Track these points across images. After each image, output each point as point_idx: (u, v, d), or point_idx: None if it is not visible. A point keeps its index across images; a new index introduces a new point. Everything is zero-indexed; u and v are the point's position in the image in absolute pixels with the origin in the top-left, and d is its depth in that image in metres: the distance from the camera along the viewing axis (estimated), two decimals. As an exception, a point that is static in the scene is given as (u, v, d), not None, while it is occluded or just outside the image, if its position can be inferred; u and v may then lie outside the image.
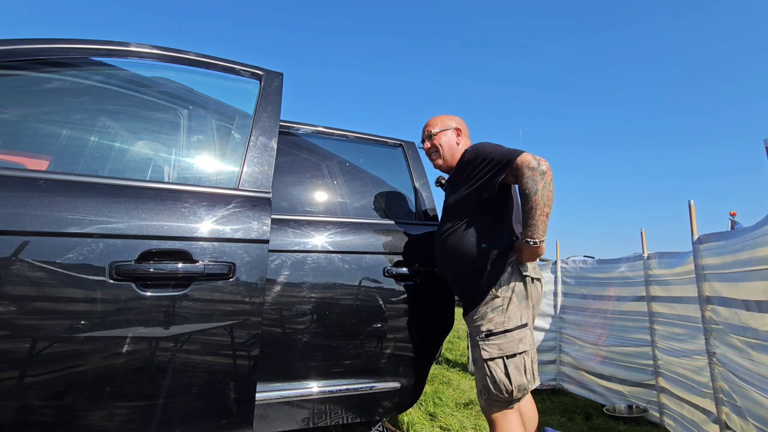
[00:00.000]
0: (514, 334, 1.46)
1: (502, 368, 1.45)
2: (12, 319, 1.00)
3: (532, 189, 1.37)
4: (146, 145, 1.54)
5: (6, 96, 1.27)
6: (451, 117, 1.78)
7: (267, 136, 1.44)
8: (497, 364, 1.46)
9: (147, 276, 1.13)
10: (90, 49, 1.35)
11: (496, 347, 1.46)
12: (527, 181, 1.38)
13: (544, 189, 1.37)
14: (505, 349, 1.46)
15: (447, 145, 1.72)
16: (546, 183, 1.37)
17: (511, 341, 1.46)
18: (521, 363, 1.46)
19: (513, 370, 1.44)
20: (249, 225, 1.27)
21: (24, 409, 1.02)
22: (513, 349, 1.45)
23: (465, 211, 1.58)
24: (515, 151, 1.43)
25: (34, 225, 1.03)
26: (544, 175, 1.37)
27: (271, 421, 1.46)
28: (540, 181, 1.37)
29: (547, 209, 1.38)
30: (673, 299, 2.65)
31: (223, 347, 1.22)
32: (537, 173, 1.37)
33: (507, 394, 1.45)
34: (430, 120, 1.79)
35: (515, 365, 1.45)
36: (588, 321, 3.58)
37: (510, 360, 1.45)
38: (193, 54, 1.48)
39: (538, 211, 1.38)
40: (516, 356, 1.46)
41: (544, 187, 1.37)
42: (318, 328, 1.54)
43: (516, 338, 1.46)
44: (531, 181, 1.37)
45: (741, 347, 1.81)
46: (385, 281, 1.66)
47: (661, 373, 2.76)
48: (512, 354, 1.45)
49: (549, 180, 1.38)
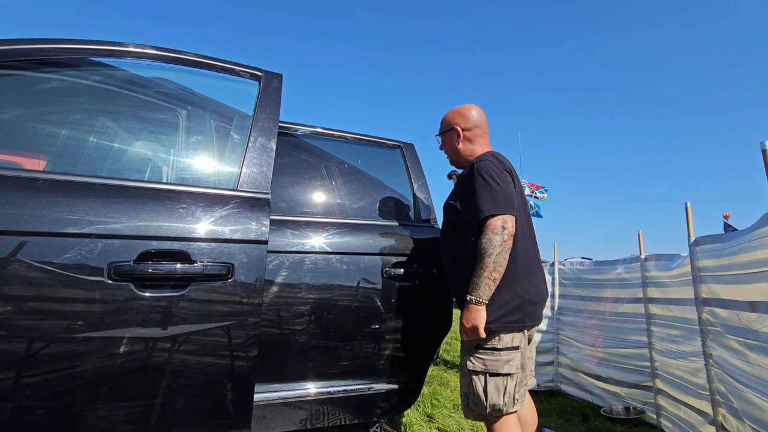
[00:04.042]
0: (502, 355, 1.45)
1: (482, 383, 1.44)
2: (10, 319, 1.00)
3: (487, 251, 1.40)
4: (145, 146, 1.53)
5: (5, 96, 1.27)
6: (460, 112, 1.73)
7: (266, 137, 1.44)
8: (479, 378, 1.45)
9: (145, 276, 1.13)
10: (89, 49, 1.35)
11: (481, 362, 1.45)
12: (486, 241, 1.41)
13: (498, 255, 1.40)
14: (490, 366, 1.45)
15: (449, 146, 1.73)
16: (502, 251, 1.41)
17: (497, 360, 1.45)
18: (502, 384, 1.44)
19: (492, 388, 1.43)
20: (247, 226, 1.27)
21: (22, 410, 1.02)
22: (497, 369, 1.44)
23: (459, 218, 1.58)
24: (489, 210, 1.44)
25: (33, 225, 1.03)
26: (504, 244, 1.41)
27: (269, 422, 1.46)
28: (498, 246, 1.40)
29: (495, 274, 1.41)
30: (669, 301, 2.66)
31: (221, 348, 1.22)
32: (497, 239, 1.41)
33: (481, 409, 1.45)
34: (445, 114, 1.77)
35: (495, 384, 1.44)
36: (585, 323, 3.59)
37: (492, 378, 1.44)
38: (192, 55, 1.48)
39: (486, 272, 1.40)
40: (499, 376, 1.44)
41: (500, 254, 1.41)
42: (316, 329, 1.54)
43: (503, 359, 1.45)
44: (489, 243, 1.41)
45: (737, 349, 1.82)
46: (383, 282, 1.67)
47: (658, 375, 2.77)
48: (495, 373, 1.44)
49: (506, 248, 1.42)
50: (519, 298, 1.48)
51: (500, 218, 1.43)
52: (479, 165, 1.54)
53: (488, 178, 1.49)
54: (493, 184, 1.48)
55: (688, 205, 2.36)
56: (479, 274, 1.41)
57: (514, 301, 1.47)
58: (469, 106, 1.73)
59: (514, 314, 1.47)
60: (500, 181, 1.49)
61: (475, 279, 1.42)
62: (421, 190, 2.05)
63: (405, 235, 1.79)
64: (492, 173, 1.50)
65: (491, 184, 1.48)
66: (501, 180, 1.50)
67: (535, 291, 1.55)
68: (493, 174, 1.50)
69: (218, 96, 1.68)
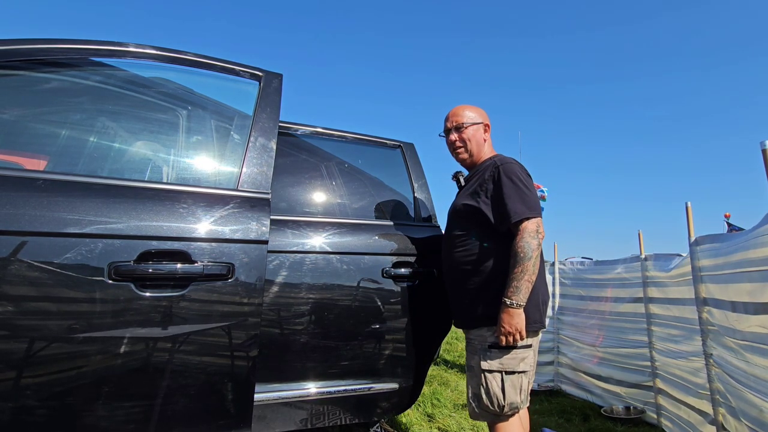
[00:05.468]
0: (518, 352, 1.46)
1: (499, 382, 1.45)
2: (10, 319, 1.00)
3: (527, 254, 1.41)
4: (145, 146, 1.53)
5: (5, 96, 1.27)
6: (478, 109, 1.71)
7: (266, 136, 1.44)
8: (495, 377, 1.46)
9: (146, 276, 1.13)
10: (89, 49, 1.35)
11: (497, 361, 1.46)
12: (525, 245, 1.42)
13: (537, 259, 1.43)
14: (506, 364, 1.46)
15: (476, 140, 1.67)
16: (539, 254, 1.44)
17: (513, 358, 1.46)
18: (518, 382, 1.46)
19: (509, 386, 1.44)
20: (248, 226, 1.27)
21: (22, 410, 1.02)
22: (513, 367, 1.46)
23: (475, 220, 1.57)
24: (524, 213, 1.45)
25: (33, 225, 1.03)
26: (539, 247, 1.44)
27: (269, 422, 1.46)
28: (536, 249, 1.42)
29: (534, 277, 1.43)
30: (670, 301, 2.66)
31: (221, 348, 1.22)
32: (534, 242, 1.42)
33: (498, 408, 1.45)
34: (457, 110, 1.70)
35: (512, 382, 1.45)
36: (585, 322, 3.59)
37: (508, 376, 1.45)
38: (193, 54, 1.48)
39: (527, 275, 1.41)
40: (515, 374, 1.46)
41: (537, 257, 1.43)
42: (316, 329, 1.54)
43: (519, 357, 1.46)
44: (528, 246, 1.42)
45: (736, 349, 1.82)
46: (383, 282, 1.67)
47: (659, 375, 2.77)
48: (512, 371, 1.45)
49: (540, 253, 1.46)
50: (538, 300, 1.52)
51: (535, 221, 1.45)
52: (506, 167, 1.53)
53: (517, 180, 1.50)
54: (523, 187, 1.50)
55: (688, 205, 2.36)
56: (519, 277, 1.40)
57: (534, 303, 1.50)
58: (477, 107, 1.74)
59: (536, 316, 1.50)
60: (528, 184, 1.52)
61: (516, 282, 1.41)
62: (421, 190, 2.05)
63: (405, 235, 1.79)
64: (520, 176, 1.52)
65: (521, 187, 1.49)
66: (528, 183, 1.53)
67: (545, 291, 1.61)
68: (521, 177, 1.52)
69: (218, 96, 1.68)
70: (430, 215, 2.01)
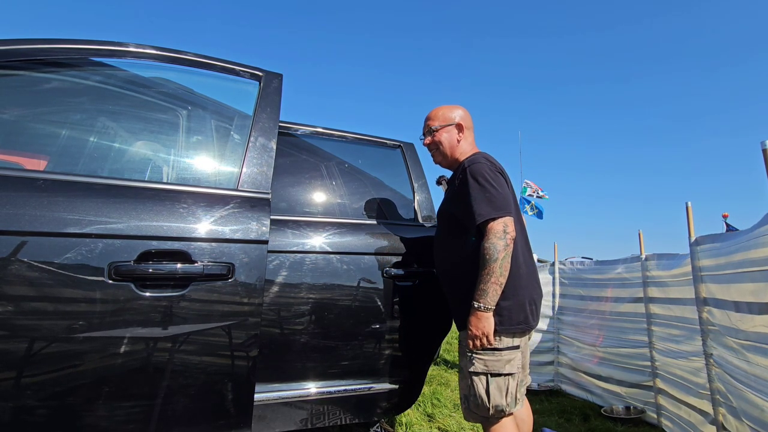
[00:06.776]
0: (503, 354, 1.44)
1: (484, 384, 1.44)
2: (11, 319, 1.00)
3: (492, 256, 1.39)
4: (145, 146, 1.54)
5: (5, 96, 1.27)
6: (453, 109, 1.69)
7: (266, 136, 1.44)
8: (480, 379, 1.45)
9: (146, 276, 1.13)
10: (89, 49, 1.35)
11: (482, 362, 1.45)
12: (490, 246, 1.40)
13: (503, 260, 1.40)
14: (491, 366, 1.44)
15: (447, 142, 1.65)
16: (507, 255, 1.41)
17: (498, 360, 1.44)
18: (504, 384, 1.44)
19: (494, 389, 1.43)
20: (248, 226, 1.27)
21: (22, 410, 1.02)
22: (499, 369, 1.44)
23: (456, 223, 1.57)
24: (489, 214, 1.43)
25: (33, 225, 1.03)
26: (507, 248, 1.41)
27: (269, 422, 1.46)
28: (502, 251, 1.39)
29: (502, 279, 1.40)
30: (670, 301, 2.66)
31: (221, 348, 1.22)
32: (501, 243, 1.40)
33: (483, 411, 1.45)
34: (432, 112, 1.70)
35: (497, 385, 1.43)
36: (586, 322, 3.59)
37: (493, 378, 1.43)
38: (193, 54, 1.48)
39: (493, 278, 1.39)
40: (501, 376, 1.44)
41: (504, 258, 1.40)
42: (316, 329, 1.54)
43: (504, 359, 1.45)
44: (494, 248, 1.39)
45: (737, 349, 1.82)
46: (383, 282, 1.66)
47: (659, 375, 2.77)
48: (497, 373, 1.44)
49: (510, 252, 1.42)
50: (523, 300, 1.48)
51: (501, 221, 1.42)
52: (472, 168, 1.51)
53: (483, 181, 1.48)
54: (489, 187, 1.47)
55: (688, 205, 2.37)
56: (486, 279, 1.39)
57: (519, 303, 1.47)
58: (460, 107, 1.72)
59: (520, 317, 1.47)
60: (495, 183, 1.48)
61: (482, 285, 1.40)
62: (421, 189, 2.05)
63: (405, 235, 1.79)
64: (486, 175, 1.49)
65: (486, 187, 1.47)
66: (496, 182, 1.49)
67: (534, 289, 1.56)
68: (488, 176, 1.49)
69: (218, 96, 1.68)
70: (430, 215, 2.01)
